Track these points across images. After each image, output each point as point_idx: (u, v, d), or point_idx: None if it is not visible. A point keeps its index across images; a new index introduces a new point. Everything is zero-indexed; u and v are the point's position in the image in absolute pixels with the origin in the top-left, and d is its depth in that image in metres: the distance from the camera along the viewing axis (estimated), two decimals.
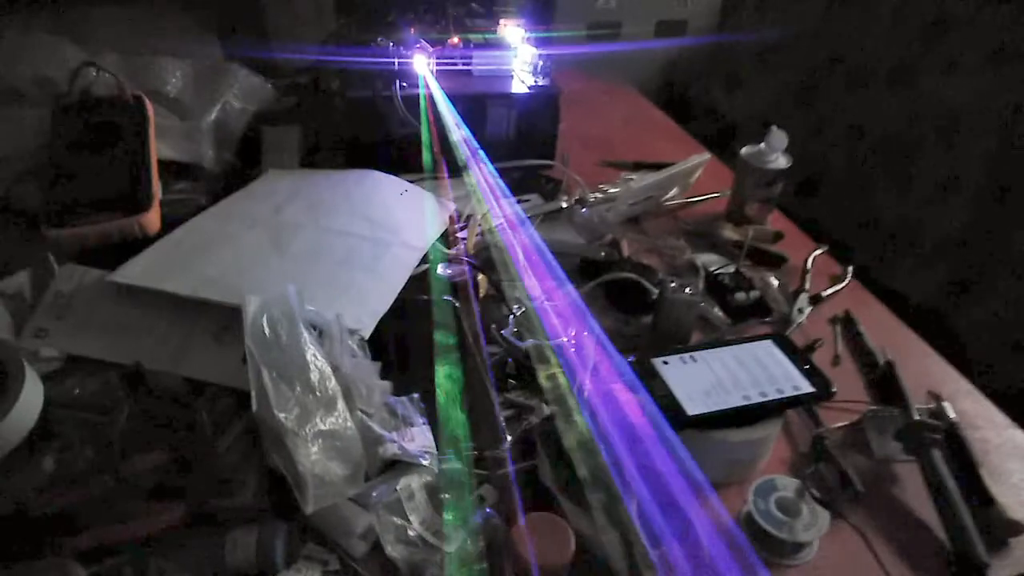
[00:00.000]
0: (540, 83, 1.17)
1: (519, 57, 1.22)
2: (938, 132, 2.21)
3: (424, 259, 0.90)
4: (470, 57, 1.18)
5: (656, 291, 0.90)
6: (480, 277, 0.90)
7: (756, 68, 2.84)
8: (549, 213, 1.07)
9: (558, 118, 1.18)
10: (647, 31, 2.49)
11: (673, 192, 1.16)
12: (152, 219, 0.87)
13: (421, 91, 1.11)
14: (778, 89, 2.79)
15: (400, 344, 0.77)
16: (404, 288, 0.83)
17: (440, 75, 1.15)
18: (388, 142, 1.14)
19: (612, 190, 1.14)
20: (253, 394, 0.58)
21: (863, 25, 2.41)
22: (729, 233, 1.07)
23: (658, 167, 1.24)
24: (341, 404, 0.61)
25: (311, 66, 1.25)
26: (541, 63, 1.18)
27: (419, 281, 0.87)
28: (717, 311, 0.93)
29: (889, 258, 2.41)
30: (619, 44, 2.40)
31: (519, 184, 1.14)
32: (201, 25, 1.80)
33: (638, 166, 1.27)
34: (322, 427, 0.59)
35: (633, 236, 1.06)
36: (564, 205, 1.07)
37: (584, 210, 1.07)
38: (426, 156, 1.12)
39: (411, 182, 1.07)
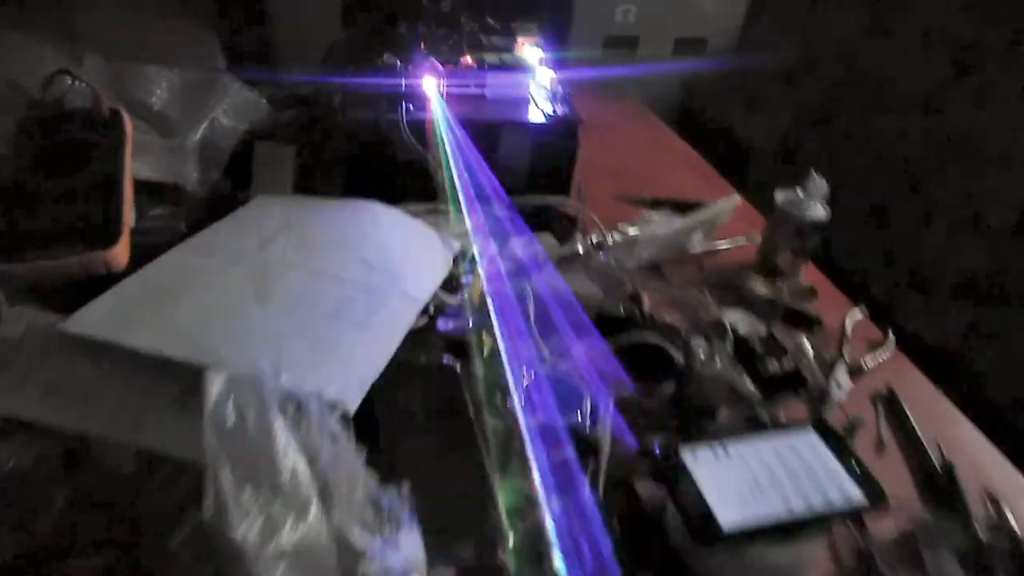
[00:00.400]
0: (559, 111, 1.07)
1: (537, 81, 1.12)
2: (963, 166, 2.12)
3: (424, 311, 0.80)
4: (484, 80, 1.08)
5: (682, 359, 0.81)
6: (484, 334, 0.80)
7: (774, 89, 2.75)
8: (563, 257, 0.97)
9: (576, 150, 1.09)
10: (665, 49, 2.40)
11: (697, 236, 1.06)
12: (120, 254, 0.78)
13: (430, 115, 1.02)
14: (796, 112, 2.70)
15: (389, 418, 0.67)
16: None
17: (450, 98, 1.06)
18: (391, 168, 1.04)
19: (631, 231, 1.05)
20: (207, 498, 0.48)
21: (889, 48, 2.31)
22: (759, 288, 0.98)
23: (680, 206, 1.15)
24: (315, 508, 0.52)
25: (311, 80, 1.16)
26: (561, 89, 1.08)
27: (418, 336, 0.77)
28: (747, 381, 0.84)
29: (904, 294, 2.31)
30: (635, 67, 2.31)
31: (530, 221, 1.04)
32: (204, 26, 1.72)
33: (658, 203, 1.18)
34: (290, 541, 0.49)
35: (654, 287, 0.96)
36: (580, 249, 0.97)
37: (601, 255, 0.98)
38: (431, 186, 1.02)
39: (414, 214, 0.98)
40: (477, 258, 0.93)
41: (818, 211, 0.97)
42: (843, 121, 2.50)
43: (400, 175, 1.05)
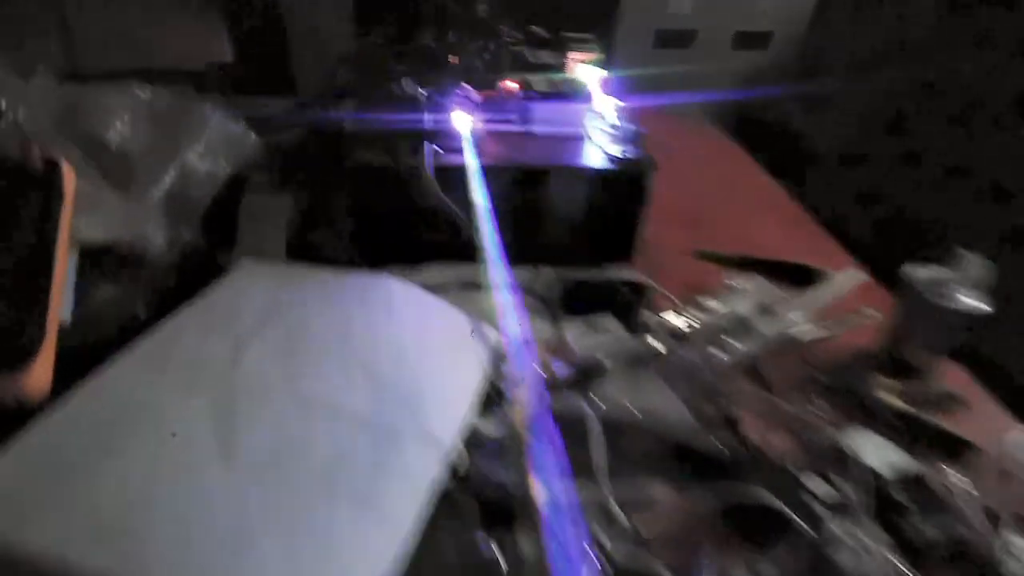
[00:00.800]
0: (624, 152, 0.84)
1: (595, 111, 0.89)
2: None
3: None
4: (529, 111, 0.86)
5: (806, 525, 0.58)
6: (535, 489, 0.58)
7: (843, 88, 2.49)
8: (633, 354, 0.74)
9: (644, 203, 0.86)
10: (724, 44, 2.14)
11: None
12: (38, 376, 0.56)
13: (461, 158, 0.79)
14: (866, 114, 2.44)
15: None
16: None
17: (487, 135, 0.83)
18: (410, 222, 0.82)
19: (716, 305, 0.83)
20: None
21: (977, 49, 2.05)
22: (887, 396, 0.75)
23: (774, 268, 0.93)
24: None
25: (313, 106, 0.93)
26: (627, 123, 0.85)
27: (442, 500, 0.56)
28: (889, 554, 0.61)
29: (987, 330, 2.06)
30: (690, 64, 2.06)
31: (582, 293, 0.82)
32: (211, 17, 1.56)
33: (745, 263, 0.94)
34: None
35: (751, 396, 0.74)
36: (656, 343, 0.75)
37: (682, 350, 0.75)
38: (460, 244, 0.80)
39: (440, 288, 0.76)
40: (518, 359, 0.71)
41: (974, 302, 0.73)
42: (918, 128, 2.24)
43: (422, 229, 0.83)
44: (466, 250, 0.80)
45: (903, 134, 2.30)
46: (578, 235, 0.85)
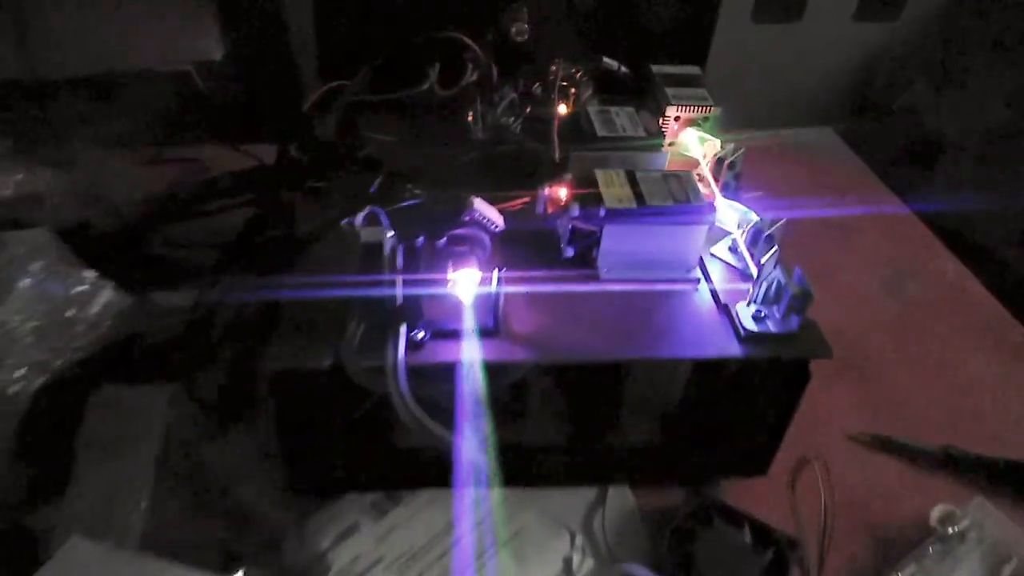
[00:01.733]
0: (769, 322, 0.45)
1: (718, 223, 0.50)
2: None
3: None
4: (596, 241, 0.47)
5: None
6: None
7: (989, 58, 2.00)
8: None
9: (798, 401, 0.47)
10: (843, 13, 1.68)
11: None
12: None
13: (459, 352, 0.42)
14: (1017, 93, 1.95)
15: None
16: None
17: (517, 300, 0.45)
18: (377, 434, 0.47)
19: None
20: None
21: None
22: None
23: (1005, 474, 0.54)
24: None
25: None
26: (777, 271, 0.45)
27: None
28: None
29: None
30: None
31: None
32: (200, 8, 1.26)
33: (958, 463, 0.55)
34: None
35: None
36: None
37: None
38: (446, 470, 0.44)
39: None
40: None
41: None
42: None
43: (395, 436, 0.48)
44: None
45: None
46: (675, 436, 0.48)
